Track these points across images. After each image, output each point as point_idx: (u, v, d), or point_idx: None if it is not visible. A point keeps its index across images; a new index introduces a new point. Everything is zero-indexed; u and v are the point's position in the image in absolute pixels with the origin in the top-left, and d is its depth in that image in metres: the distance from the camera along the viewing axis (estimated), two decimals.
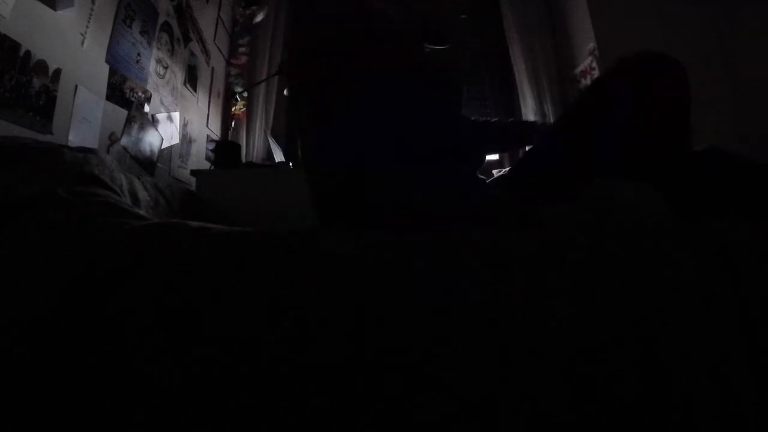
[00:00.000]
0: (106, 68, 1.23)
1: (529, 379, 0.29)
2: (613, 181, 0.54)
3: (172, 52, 1.67)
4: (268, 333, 0.30)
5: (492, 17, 2.42)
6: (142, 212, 0.51)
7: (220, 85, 2.27)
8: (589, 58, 1.92)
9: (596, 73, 1.88)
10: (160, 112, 1.58)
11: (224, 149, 1.72)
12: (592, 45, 1.89)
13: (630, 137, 0.58)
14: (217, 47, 2.21)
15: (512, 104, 2.36)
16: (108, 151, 1.23)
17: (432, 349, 0.30)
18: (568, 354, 0.30)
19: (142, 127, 1.43)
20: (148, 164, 1.46)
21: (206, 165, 1.98)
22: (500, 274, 0.33)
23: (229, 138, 2.22)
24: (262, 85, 2.24)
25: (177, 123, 1.72)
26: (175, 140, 1.70)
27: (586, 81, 1.96)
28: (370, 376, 0.29)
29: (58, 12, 1.02)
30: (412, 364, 0.29)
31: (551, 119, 2.09)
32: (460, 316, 0.31)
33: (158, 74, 1.56)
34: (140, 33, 1.42)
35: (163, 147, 1.58)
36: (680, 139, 0.60)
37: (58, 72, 1.03)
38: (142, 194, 0.92)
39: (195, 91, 1.93)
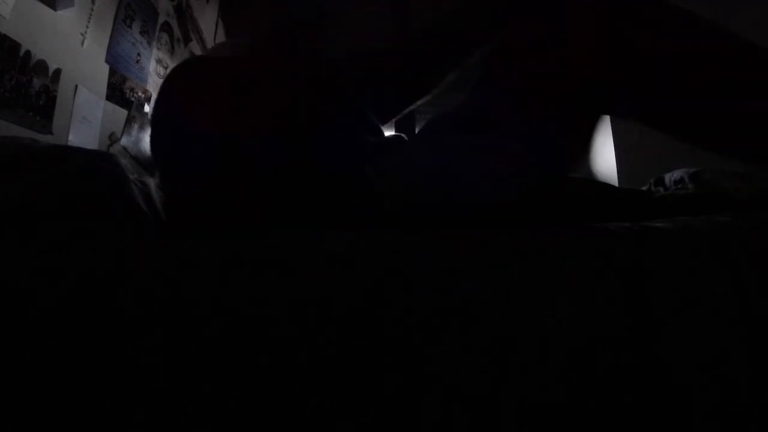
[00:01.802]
0: (106, 68, 1.23)
1: (529, 379, 0.29)
2: None
3: (172, 52, 1.67)
4: (268, 333, 0.30)
5: None
6: (144, 208, 0.51)
7: None
8: None
9: None
10: None
11: None
12: None
13: None
14: None
15: None
16: (108, 151, 1.23)
17: (432, 349, 0.30)
18: (568, 354, 0.30)
19: (142, 127, 1.43)
20: (148, 164, 1.46)
21: None
22: (500, 273, 0.33)
23: None
24: None
25: None
26: None
27: None
28: (370, 376, 0.29)
29: (58, 12, 1.02)
30: (411, 364, 0.29)
31: None
32: (460, 315, 0.31)
33: (158, 74, 1.56)
34: (140, 33, 1.42)
35: None
36: None
37: (58, 72, 1.03)
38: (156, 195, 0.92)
39: None
